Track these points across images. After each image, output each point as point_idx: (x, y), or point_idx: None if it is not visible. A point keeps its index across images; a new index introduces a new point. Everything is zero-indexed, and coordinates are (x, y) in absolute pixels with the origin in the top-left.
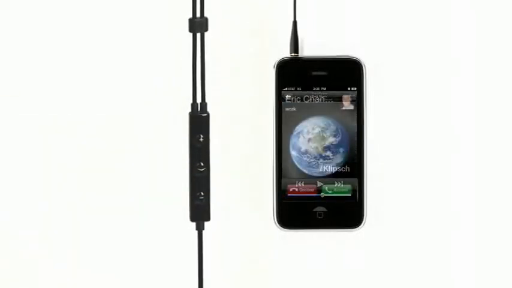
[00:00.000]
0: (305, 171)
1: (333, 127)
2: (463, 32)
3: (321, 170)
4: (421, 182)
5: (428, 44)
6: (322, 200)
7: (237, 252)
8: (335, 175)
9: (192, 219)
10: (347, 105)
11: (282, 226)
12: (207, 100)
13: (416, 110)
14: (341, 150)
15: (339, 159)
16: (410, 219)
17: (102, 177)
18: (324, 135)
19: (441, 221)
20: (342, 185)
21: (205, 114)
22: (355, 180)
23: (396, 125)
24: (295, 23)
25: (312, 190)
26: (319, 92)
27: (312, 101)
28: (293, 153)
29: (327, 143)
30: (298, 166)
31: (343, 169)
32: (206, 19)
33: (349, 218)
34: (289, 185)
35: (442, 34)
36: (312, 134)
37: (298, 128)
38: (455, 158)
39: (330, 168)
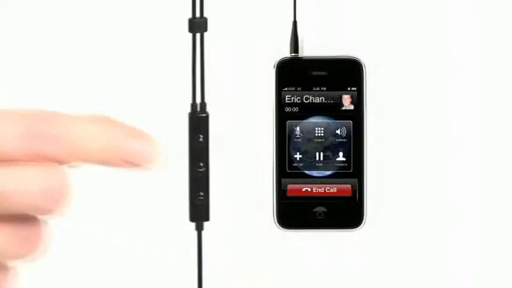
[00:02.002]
0: (305, 171)
1: (333, 127)
2: (464, 32)
3: (321, 170)
4: (421, 182)
5: (428, 44)
6: (322, 200)
7: (237, 252)
8: (335, 175)
9: (192, 219)
10: (347, 105)
11: (282, 226)
12: (206, 100)
13: (417, 110)
14: (341, 150)
15: (339, 159)
16: (410, 219)
17: (102, 176)
18: (324, 135)
19: (442, 221)
20: (342, 185)
21: (205, 114)
22: (355, 180)
23: (396, 125)
24: (295, 23)
25: (312, 190)
26: (319, 92)
27: (312, 101)
28: (293, 153)
29: (327, 143)
30: (298, 166)
31: (343, 169)
32: (206, 19)
33: (349, 218)
34: (289, 185)
35: (442, 34)
36: (312, 134)
37: (298, 128)
38: (456, 158)
39: (330, 168)
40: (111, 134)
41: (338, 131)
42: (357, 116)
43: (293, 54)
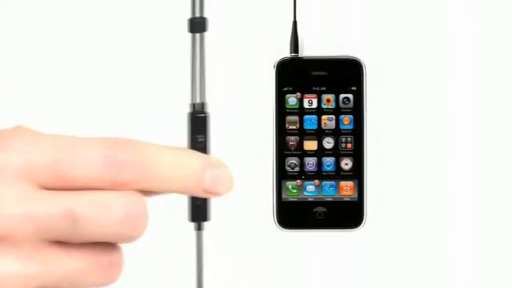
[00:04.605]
0: (305, 171)
1: (332, 127)
2: (464, 32)
3: (321, 170)
4: (421, 182)
5: (428, 44)
6: (322, 200)
7: (237, 252)
8: (335, 175)
9: (192, 219)
10: (347, 105)
11: (282, 226)
12: (206, 100)
13: (417, 110)
14: (341, 150)
15: (339, 159)
16: (410, 219)
17: None
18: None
19: (441, 221)
20: (342, 185)
21: (205, 114)
22: (355, 181)
23: (396, 125)
24: (295, 23)
25: (312, 190)
26: (319, 92)
27: (312, 101)
28: (293, 153)
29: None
30: (298, 166)
31: (344, 169)
32: (206, 19)
33: (349, 218)
34: (289, 185)
35: (442, 34)
36: (312, 134)
37: (298, 127)
38: (455, 158)
39: (330, 168)
40: (191, 163)
41: (338, 131)
42: (357, 116)
43: (293, 54)
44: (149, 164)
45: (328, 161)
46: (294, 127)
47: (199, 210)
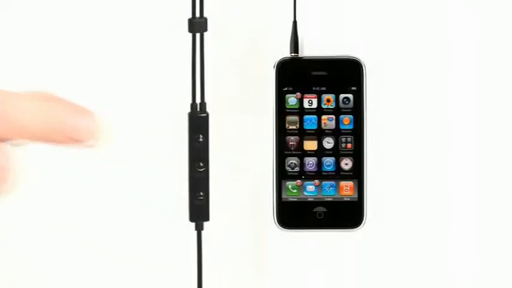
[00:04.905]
0: (305, 171)
1: (332, 127)
2: (464, 32)
3: (321, 170)
4: (421, 182)
5: (428, 44)
6: (322, 200)
7: (237, 252)
8: (335, 175)
9: (192, 219)
10: (347, 105)
11: (282, 226)
12: (206, 100)
13: (417, 110)
14: (341, 150)
15: (339, 159)
16: (410, 219)
17: (101, 177)
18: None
19: (441, 221)
20: (343, 185)
21: (205, 114)
22: (355, 181)
23: (396, 125)
24: (295, 23)
25: (312, 190)
26: (319, 92)
27: (312, 101)
28: (293, 153)
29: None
30: (298, 166)
31: (343, 169)
32: (206, 19)
33: (349, 218)
34: (289, 185)
35: (442, 34)
36: (312, 134)
37: (298, 127)
38: (456, 158)
39: (330, 168)
40: (53, 110)
41: (338, 131)
42: (357, 116)
43: (293, 54)
44: (11, 114)
45: (328, 161)
46: (294, 127)
47: (199, 210)
